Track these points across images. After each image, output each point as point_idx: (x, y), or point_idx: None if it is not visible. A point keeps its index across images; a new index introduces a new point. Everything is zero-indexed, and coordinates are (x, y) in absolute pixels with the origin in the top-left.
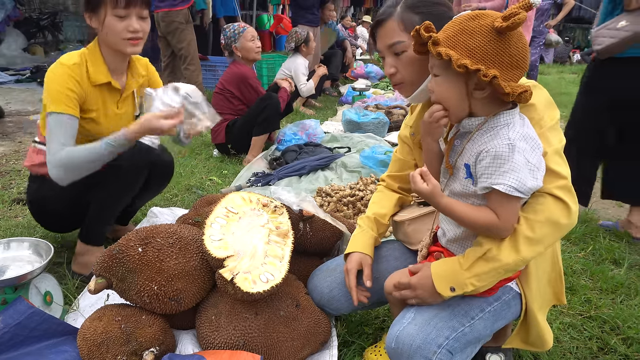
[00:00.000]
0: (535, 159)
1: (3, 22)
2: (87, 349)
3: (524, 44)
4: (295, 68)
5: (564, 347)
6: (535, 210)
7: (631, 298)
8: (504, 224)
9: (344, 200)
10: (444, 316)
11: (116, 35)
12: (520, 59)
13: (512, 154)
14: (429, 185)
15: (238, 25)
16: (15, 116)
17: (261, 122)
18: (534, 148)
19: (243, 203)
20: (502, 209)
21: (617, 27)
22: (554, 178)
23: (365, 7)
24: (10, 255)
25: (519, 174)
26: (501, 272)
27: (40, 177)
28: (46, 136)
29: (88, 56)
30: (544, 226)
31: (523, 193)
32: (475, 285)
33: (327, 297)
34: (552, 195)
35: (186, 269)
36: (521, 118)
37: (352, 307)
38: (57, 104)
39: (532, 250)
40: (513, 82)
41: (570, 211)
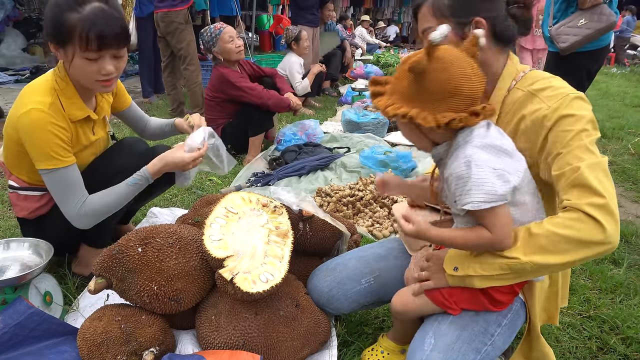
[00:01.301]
0: (501, 164)
1: (2, 22)
2: (87, 349)
3: (452, 74)
4: (290, 67)
5: (564, 347)
6: (562, 225)
7: (630, 298)
8: (499, 236)
9: (343, 201)
10: (465, 338)
11: (86, 77)
12: (447, 88)
13: (470, 170)
14: (414, 226)
15: (214, 28)
16: None
17: (254, 122)
18: (498, 154)
19: (243, 203)
20: (489, 222)
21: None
22: (586, 193)
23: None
24: (10, 255)
25: (484, 186)
26: (506, 269)
27: (37, 218)
28: (54, 194)
29: (59, 90)
30: (566, 242)
31: (497, 201)
32: (477, 271)
33: (327, 296)
34: (582, 212)
35: (186, 269)
36: (487, 127)
37: (352, 306)
38: (51, 160)
39: (543, 258)
40: (445, 112)
41: (604, 231)
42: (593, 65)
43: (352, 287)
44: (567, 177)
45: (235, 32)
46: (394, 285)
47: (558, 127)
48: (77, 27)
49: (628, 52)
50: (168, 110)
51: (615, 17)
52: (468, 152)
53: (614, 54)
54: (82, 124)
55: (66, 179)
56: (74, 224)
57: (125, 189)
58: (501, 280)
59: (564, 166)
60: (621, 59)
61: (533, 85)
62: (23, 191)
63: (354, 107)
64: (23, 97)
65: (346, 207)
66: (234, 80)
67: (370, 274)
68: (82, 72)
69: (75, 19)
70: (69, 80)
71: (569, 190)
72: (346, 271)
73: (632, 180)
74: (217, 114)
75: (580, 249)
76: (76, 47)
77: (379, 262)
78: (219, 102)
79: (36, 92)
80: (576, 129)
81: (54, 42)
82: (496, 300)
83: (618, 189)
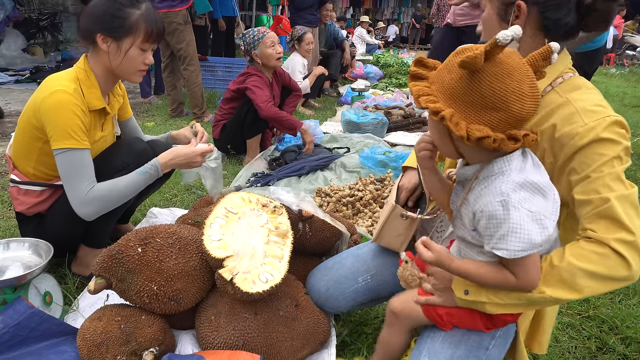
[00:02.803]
0: (537, 205)
1: (3, 22)
2: (87, 349)
3: (507, 86)
4: (292, 66)
5: (563, 347)
6: (587, 259)
7: (630, 298)
8: (525, 283)
9: (343, 201)
10: (460, 356)
11: (133, 66)
12: (495, 100)
13: (508, 212)
14: (434, 253)
15: (258, 31)
16: (15, 116)
17: (249, 124)
18: (534, 192)
19: (242, 203)
20: (517, 269)
21: None
22: (615, 228)
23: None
24: (10, 255)
25: (521, 233)
26: (523, 300)
27: (34, 215)
28: (64, 176)
29: (81, 80)
30: (590, 277)
31: (533, 249)
32: (491, 299)
33: (325, 295)
34: (609, 247)
35: (186, 269)
36: (524, 158)
37: (350, 305)
38: (70, 140)
39: (564, 293)
40: (479, 124)
41: (630, 268)
42: (589, 67)
43: (349, 285)
44: (595, 206)
45: (277, 39)
46: (391, 282)
47: (590, 149)
48: (140, 22)
49: (627, 53)
50: (168, 111)
51: None
52: (504, 188)
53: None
54: (95, 117)
55: (80, 161)
56: (78, 211)
57: (135, 177)
58: (514, 308)
59: (592, 193)
60: None
61: (572, 93)
62: (24, 185)
63: (354, 107)
64: (47, 82)
65: (346, 207)
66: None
67: (366, 272)
68: (133, 61)
69: (138, 14)
70: (91, 72)
71: (596, 220)
72: (343, 270)
73: (632, 180)
74: (227, 110)
75: (603, 284)
76: (137, 38)
77: (375, 259)
78: (232, 97)
79: (61, 78)
80: (610, 155)
81: (109, 34)
82: (494, 324)
83: None
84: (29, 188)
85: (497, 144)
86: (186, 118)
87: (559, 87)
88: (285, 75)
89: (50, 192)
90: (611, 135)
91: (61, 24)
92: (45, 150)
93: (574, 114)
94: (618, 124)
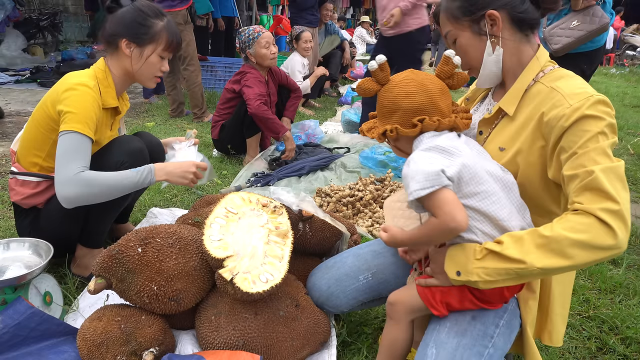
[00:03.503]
0: (434, 157)
1: (3, 22)
2: (87, 349)
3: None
4: (292, 65)
5: (563, 347)
6: (573, 229)
7: (630, 298)
8: (444, 220)
9: (343, 201)
10: (466, 344)
11: (151, 72)
12: (390, 105)
13: (408, 166)
14: (388, 234)
15: (253, 30)
16: (15, 117)
17: (248, 123)
18: (436, 152)
19: (242, 203)
20: (433, 210)
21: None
22: (600, 198)
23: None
24: (10, 255)
25: (417, 175)
26: (512, 275)
27: (31, 209)
28: (61, 154)
29: (100, 79)
30: (577, 246)
31: (432, 186)
32: (482, 277)
33: (326, 294)
34: (595, 217)
35: (186, 269)
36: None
37: (351, 304)
38: (82, 125)
39: (551, 262)
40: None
41: (616, 237)
42: (588, 67)
43: (350, 283)
44: (581, 179)
45: (272, 39)
46: (392, 281)
47: (576, 127)
48: (163, 32)
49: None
50: (168, 111)
51: (608, 18)
52: (412, 155)
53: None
54: (108, 116)
55: (79, 145)
56: (59, 191)
57: (127, 174)
58: (506, 282)
59: (578, 168)
60: None
61: (556, 82)
62: (22, 176)
63: (354, 107)
64: (69, 77)
65: (346, 207)
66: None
67: (367, 271)
68: (151, 67)
69: (161, 25)
70: (109, 73)
71: (582, 193)
72: (344, 268)
73: (632, 181)
74: (225, 110)
75: (590, 254)
76: (158, 46)
77: (375, 258)
78: (229, 97)
79: (82, 75)
80: (595, 130)
81: (134, 41)
82: (485, 299)
83: None
84: (26, 179)
85: (395, 132)
86: (186, 118)
87: (543, 79)
88: (282, 74)
89: (47, 185)
90: (595, 112)
91: (61, 24)
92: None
93: (559, 98)
94: (602, 103)
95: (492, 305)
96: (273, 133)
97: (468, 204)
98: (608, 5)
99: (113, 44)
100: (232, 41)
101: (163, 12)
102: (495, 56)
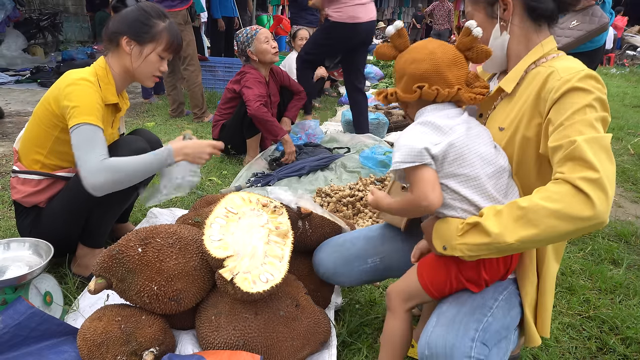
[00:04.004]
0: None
1: (3, 22)
2: (87, 349)
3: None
4: (289, 64)
5: (563, 347)
6: (550, 198)
7: (630, 298)
8: (417, 195)
9: (343, 201)
10: (465, 312)
11: (149, 71)
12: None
13: (400, 137)
14: (374, 196)
15: (250, 29)
16: (15, 117)
17: (248, 124)
18: (429, 127)
19: (243, 203)
20: (411, 183)
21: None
22: (580, 167)
23: None
24: (10, 255)
25: (403, 148)
26: (492, 250)
27: (32, 208)
28: (79, 146)
29: (100, 76)
30: (554, 216)
31: (412, 161)
32: (465, 253)
33: (332, 271)
34: (572, 185)
35: (186, 269)
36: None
37: (355, 282)
38: (92, 116)
39: (528, 233)
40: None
41: (594, 206)
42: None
43: (358, 265)
44: (564, 149)
45: (271, 35)
46: (398, 267)
47: (565, 99)
48: (164, 32)
49: (627, 53)
50: (168, 111)
51: (607, 18)
52: (408, 126)
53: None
54: (108, 113)
55: (94, 135)
56: (88, 182)
57: (148, 157)
58: (489, 255)
59: (563, 139)
60: None
61: (555, 62)
62: (23, 175)
63: None
64: (69, 74)
65: (346, 207)
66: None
67: (376, 255)
68: (150, 66)
69: (163, 26)
70: (109, 70)
71: (564, 163)
72: (354, 249)
73: (632, 181)
74: (225, 110)
75: (566, 224)
76: (158, 46)
77: (385, 244)
78: (230, 97)
79: (83, 72)
80: (582, 103)
81: (134, 39)
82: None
83: (618, 189)
84: (27, 177)
85: (393, 96)
86: (186, 118)
87: (544, 64)
88: (284, 75)
89: (48, 183)
90: (584, 85)
91: (61, 24)
92: (60, 138)
93: (554, 74)
94: (592, 77)
95: (476, 287)
96: (271, 135)
97: (446, 184)
98: (608, 5)
99: (114, 42)
100: (232, 41)
101: (166, 13)
102: (501, 40)
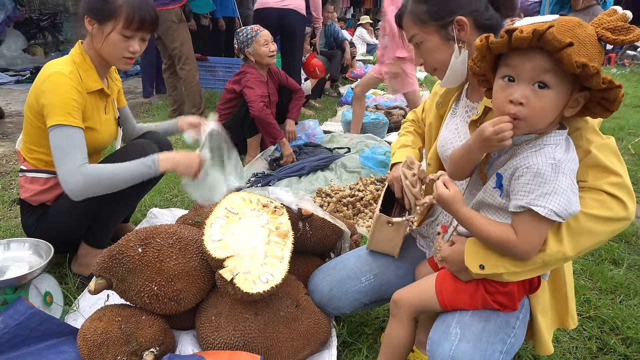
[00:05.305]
0: (575, 184)
1: (3, 23)
2: (87, 349)
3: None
4: None
5: (564, 347)
6: (589, 205)
7: (630, 298)
8: (522, 245)
9: (343, 201)
10: (491, 329)
11: (116, 52)
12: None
13: (557, 175)
14: (451, 191)
15: (251, 29)
16: (16, 117)
17: (249, 124)
18: (575, 171)
19: (243, 203)
20: (526, 229)
21: None
22: (602, 174)
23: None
24: (10, 255)
25: (562, 197)
26: (539, 263)
27: (39, 206)
28: (57, 150)
29: (77, 64)
30: (596, 222)
31: (562, 218)
32: (509, 269)
33: (328, 296)
34: (604, 192)
35: (186, 269)
36: (567, 140)
37: (353, 305)
38: (66, 116)
39: (576, 243)
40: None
41: (627, 208)
42: None
43: (352, 285)
44: (580, 158)
45: (270, 37)
46: (394, 282)
47: None
48: (123, 7)
49: (628, 53)
50: (168, 111)
51: None
52: (558, 155)
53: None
54: (97, 99)
55: (73, 138)
56: (65, 184)
57: (132, 164)
58: (530, 273)
59: None
60: None
61: None
62: (31, 173)
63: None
64: (45, 69)
65: (346, 207)
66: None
67: (370, 272)
68: (114, 47)
69: (122, 1)
70: (86, 55)
71: (584, 171)
72: (346, 270)
73: (633, 181)
74: (225, 110)
75: (608, 227)
76: (118, 24)
77: (377, 260)
78: (229, 97)
79: (58, 63)
80: None
81: (93, 17)
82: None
83: None
84: (34, 175)
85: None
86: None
87: None
88: (282, 74)
89: (56, 181)
90: None
91: (62, 24)
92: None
93: None
94: None
95: (504, 308)
96: (271, 137)
97: None
98: (608, 5)
99: (82, 24)
100: (232, 41)
101: None
102: (462, 59)
